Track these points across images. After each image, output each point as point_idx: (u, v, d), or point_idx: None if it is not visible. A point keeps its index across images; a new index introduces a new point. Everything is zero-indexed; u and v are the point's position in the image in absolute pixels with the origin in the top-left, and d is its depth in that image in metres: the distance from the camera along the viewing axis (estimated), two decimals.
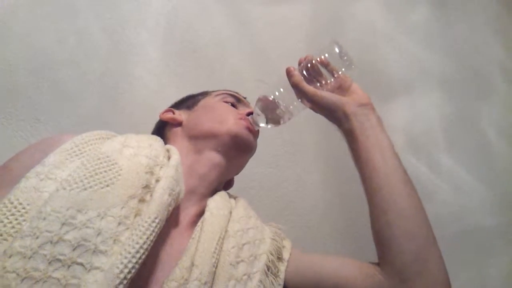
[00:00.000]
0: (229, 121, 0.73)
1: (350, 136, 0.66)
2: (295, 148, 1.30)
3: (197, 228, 0.61)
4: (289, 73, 0.69)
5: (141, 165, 0.58)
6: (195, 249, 0.56)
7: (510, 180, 1.47)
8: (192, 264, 0.54)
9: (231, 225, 0.64)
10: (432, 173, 1.39)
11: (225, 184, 0.79)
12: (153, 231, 0.51)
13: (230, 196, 0.73)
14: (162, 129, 0.80)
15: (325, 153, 1.32)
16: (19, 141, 0.98)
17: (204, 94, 0.85)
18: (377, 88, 1.32)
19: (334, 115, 0.68)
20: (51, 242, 0.46)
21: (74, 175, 0.52)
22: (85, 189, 0.51)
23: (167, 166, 0.61)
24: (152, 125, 0.83)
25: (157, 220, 0.52)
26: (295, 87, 0.69)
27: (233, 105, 0.80)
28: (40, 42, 1.07)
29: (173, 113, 0.81)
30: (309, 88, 0.68)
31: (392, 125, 1.33)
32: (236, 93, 0.83)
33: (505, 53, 1.66)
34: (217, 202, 0.66)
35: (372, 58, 1.46)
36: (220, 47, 1.29)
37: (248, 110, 0.78)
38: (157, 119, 0.81)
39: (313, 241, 1.21)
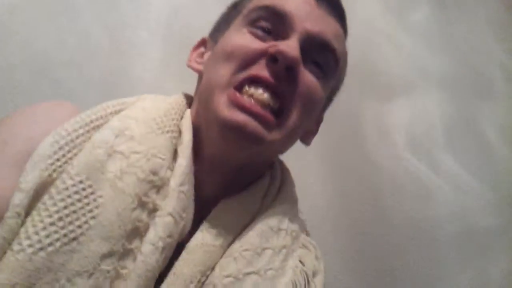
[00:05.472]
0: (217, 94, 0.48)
1: None
2: (295, 148, 1.30)
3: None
4: None
5: (128, 195, 0.37)
6: None
7: (511, 180, 1.47)
8: None
9: (223, 263, 0.43)
10: (432, 173, 1.39)
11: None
12: None
13: (269, 194, 0.51)
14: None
15: (325, 153, 1.32)
16: None
17: (240, 6, 0.55)
18: (377, 88, 1.32)
19: None
20: None
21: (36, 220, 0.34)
22: (48, 246, 0.33)
23: (168, 185, 0.40)
24: None
25: None
26: None
27: (264, 31, 0.50)
28: (40, 42, 1.07)
29: (205, 47, 0.55)
30: None
31: (392, 125, 1.33)
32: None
33: (505, 53, 1.66)
34: (218, 219, 0.47)
35: (372, 58, 1.46)
36: None
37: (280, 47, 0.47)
38: None
39: (315, 240, 1.21)
